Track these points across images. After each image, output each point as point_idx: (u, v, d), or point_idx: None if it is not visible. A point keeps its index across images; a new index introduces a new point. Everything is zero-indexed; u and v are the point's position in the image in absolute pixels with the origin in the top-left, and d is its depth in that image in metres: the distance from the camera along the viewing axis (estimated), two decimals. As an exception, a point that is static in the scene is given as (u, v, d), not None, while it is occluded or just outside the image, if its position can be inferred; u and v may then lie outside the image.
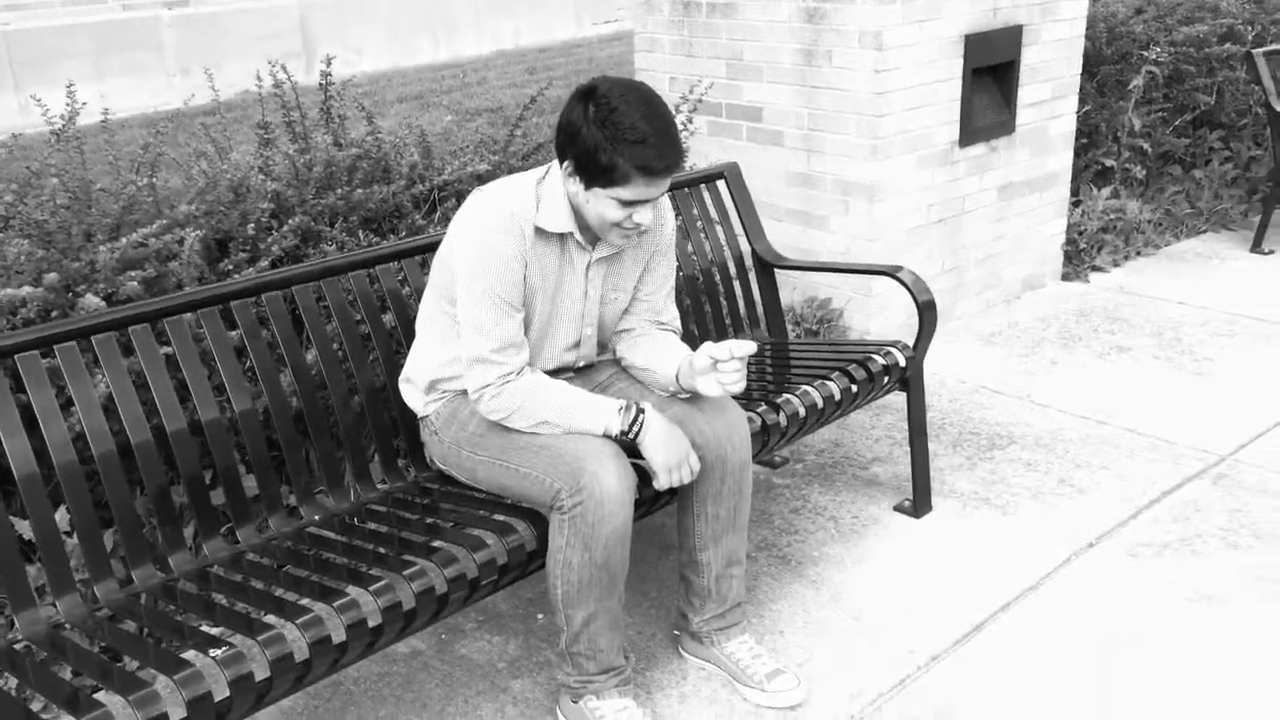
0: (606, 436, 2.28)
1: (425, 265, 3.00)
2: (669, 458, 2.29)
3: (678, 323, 2.63)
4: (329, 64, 3.55)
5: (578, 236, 2.35)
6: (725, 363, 2.30)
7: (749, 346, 2.28)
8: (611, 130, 2.14)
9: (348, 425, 2.64)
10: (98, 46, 8.18)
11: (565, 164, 2.25)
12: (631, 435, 2.28)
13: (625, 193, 2.19)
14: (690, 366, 2.38)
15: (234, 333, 2.67)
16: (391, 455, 2.71)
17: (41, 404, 2.17)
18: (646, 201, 2.23)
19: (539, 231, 2.32)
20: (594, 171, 2.19)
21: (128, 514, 2.28)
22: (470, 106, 9.39)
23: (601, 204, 2.23)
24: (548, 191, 2.31)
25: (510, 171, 3.69)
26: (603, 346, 2.61)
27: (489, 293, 2.27)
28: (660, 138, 2.16)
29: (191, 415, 2.60)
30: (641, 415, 2.28)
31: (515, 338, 2.32)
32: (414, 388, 2.57)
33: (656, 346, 2.52)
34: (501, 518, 2.35)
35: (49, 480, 2.49)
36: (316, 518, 2.55)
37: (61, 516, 2.68)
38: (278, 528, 2.51)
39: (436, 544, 2.26)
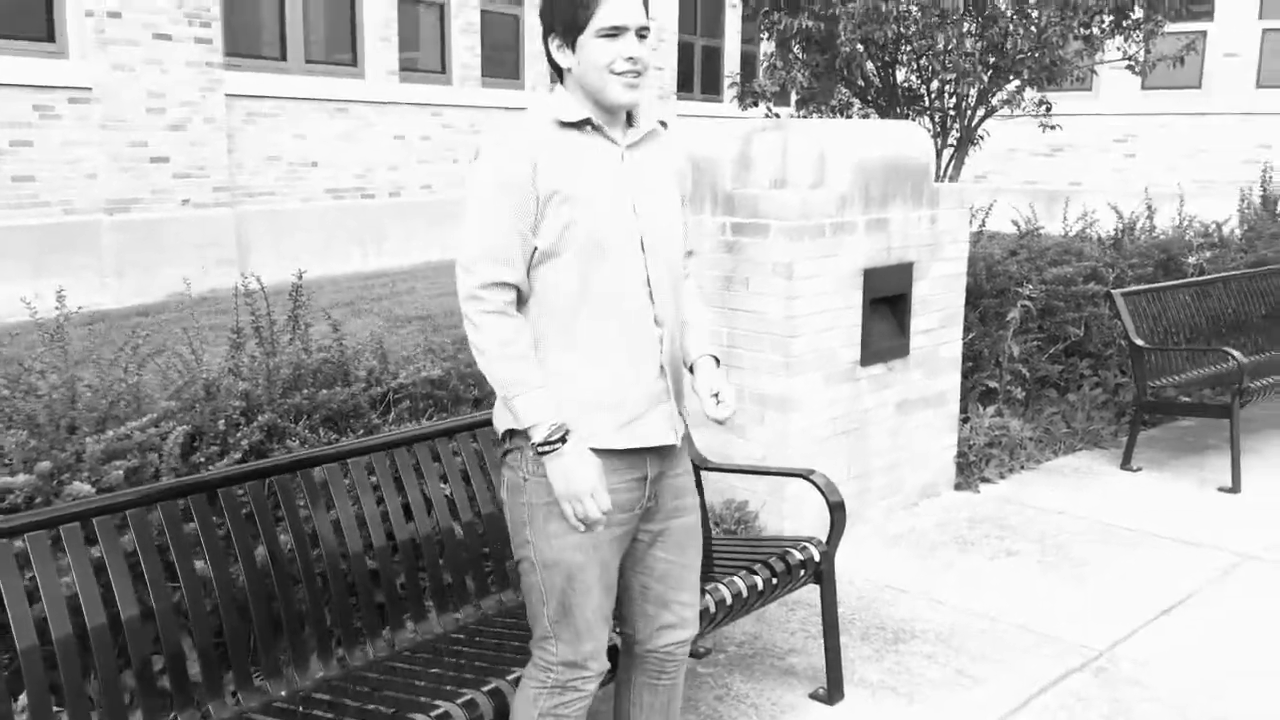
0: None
1: (385, 461, 3.27)
2: (566, 489, 2.31)
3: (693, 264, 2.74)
4: (300, 276, 3.91)
5: (597, 122, 2.37)
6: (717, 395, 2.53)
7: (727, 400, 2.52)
8: None
9: (290, 616, 2.82)
10: (39, 248, 8.46)
11: (552, 38, 2.35)
12: (542, 452, 2.31)
13: (601, 17, 2.27)
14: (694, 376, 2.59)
15: (220, 521, 2.89)
16: (329, 645, 2.89)
17: (46, 584, 2.37)
18: (627, 30, 2.29)
19: (561, 125, 2.36)
20: (572, 16, 2.29)
21: (79, 698, 2.42)
22: (400, 314, 9.79)
23: (591, 52, 2.30)
24: (558, 92, 2.40)
25: (461, 377, 4.03)
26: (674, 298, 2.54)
27: (483, 203, 2.30)
28: None
29: (143, 602, 2.75)
30: (560, 445, 2.29)
31: (500, 253, 2.31)
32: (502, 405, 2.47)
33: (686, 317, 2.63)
34: (443, 705, 2.53)
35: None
36: (254, 704, 2.71)
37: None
38: (217, 714, 2.66)
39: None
